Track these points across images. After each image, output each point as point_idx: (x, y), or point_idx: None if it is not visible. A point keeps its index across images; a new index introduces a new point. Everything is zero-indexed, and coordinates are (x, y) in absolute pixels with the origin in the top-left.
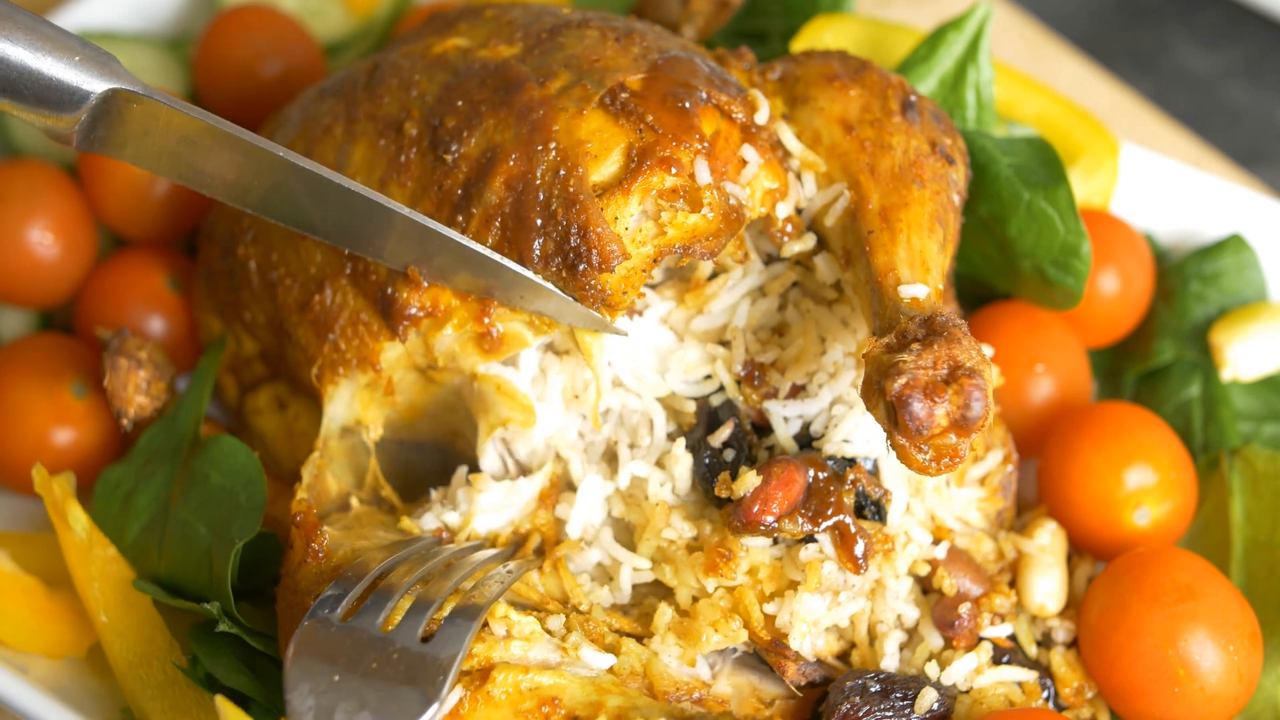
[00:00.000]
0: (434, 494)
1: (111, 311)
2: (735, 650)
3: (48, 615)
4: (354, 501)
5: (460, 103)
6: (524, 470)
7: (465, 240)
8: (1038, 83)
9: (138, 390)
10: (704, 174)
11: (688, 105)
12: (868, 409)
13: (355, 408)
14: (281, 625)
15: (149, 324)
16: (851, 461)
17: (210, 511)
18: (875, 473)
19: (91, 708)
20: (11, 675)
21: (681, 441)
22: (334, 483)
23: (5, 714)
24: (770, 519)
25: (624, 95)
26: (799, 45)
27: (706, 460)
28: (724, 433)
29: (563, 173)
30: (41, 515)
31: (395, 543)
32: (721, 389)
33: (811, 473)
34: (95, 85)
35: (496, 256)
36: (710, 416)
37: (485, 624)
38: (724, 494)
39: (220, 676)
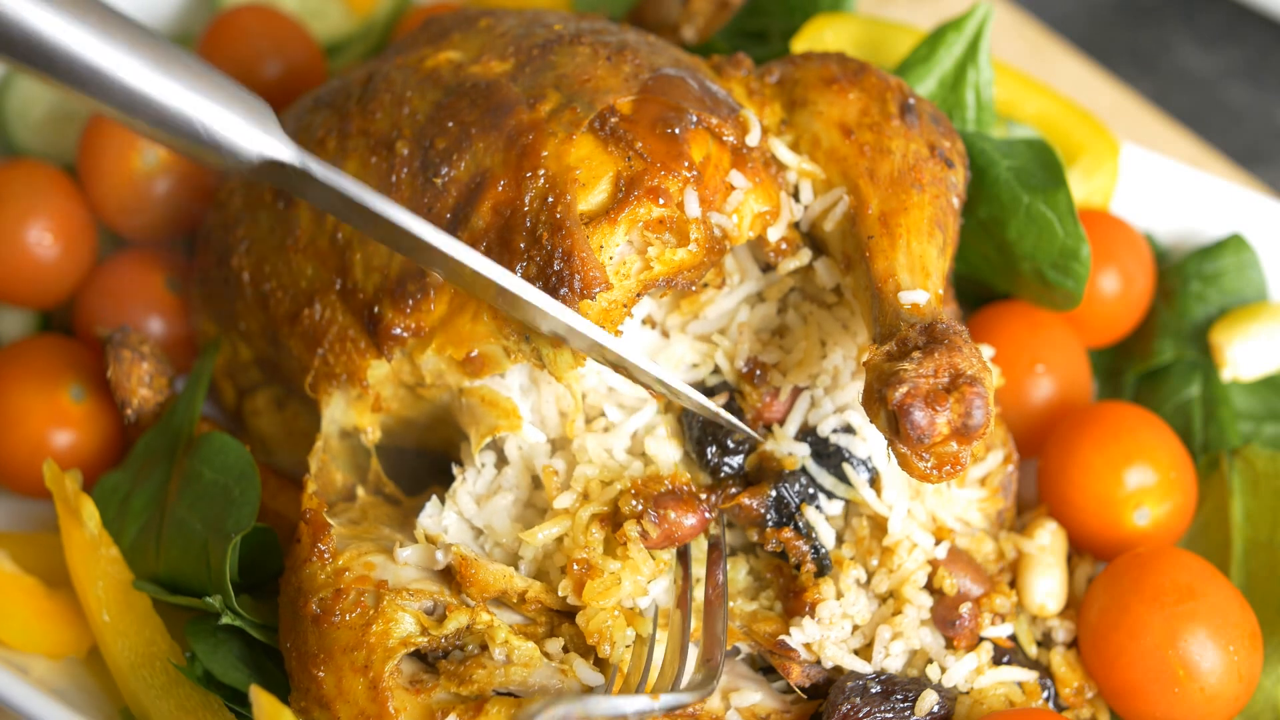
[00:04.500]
0: (434, 500)
1: (110, 312)
2: (739, 652)
3: (48, 615)
4: (359, 492)
5: (451, 124)
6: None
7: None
8: (1038, 83)
9: (141, 383)
10: (693, 206)
11: (677, 131)
12: (869, 417)
13: (351, 415)
14: (282, 621)
15: (148, 324)
16: (790, 517)
17: (205, 508)
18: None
19: (91, 708)
20: (11, 675)
21: (665, 418)
22: (339, 476)
23: (5, 714)
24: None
25: (613, 120)
26: (799, 45)
27: (696, 432)
28: (719, 400)
29: (550, 200)
30: (40, 515)
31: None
32: (716, 371)
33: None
34: (251, 151)
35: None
36: (705, 392)
37: (484, 648)
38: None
39: (218, 673)
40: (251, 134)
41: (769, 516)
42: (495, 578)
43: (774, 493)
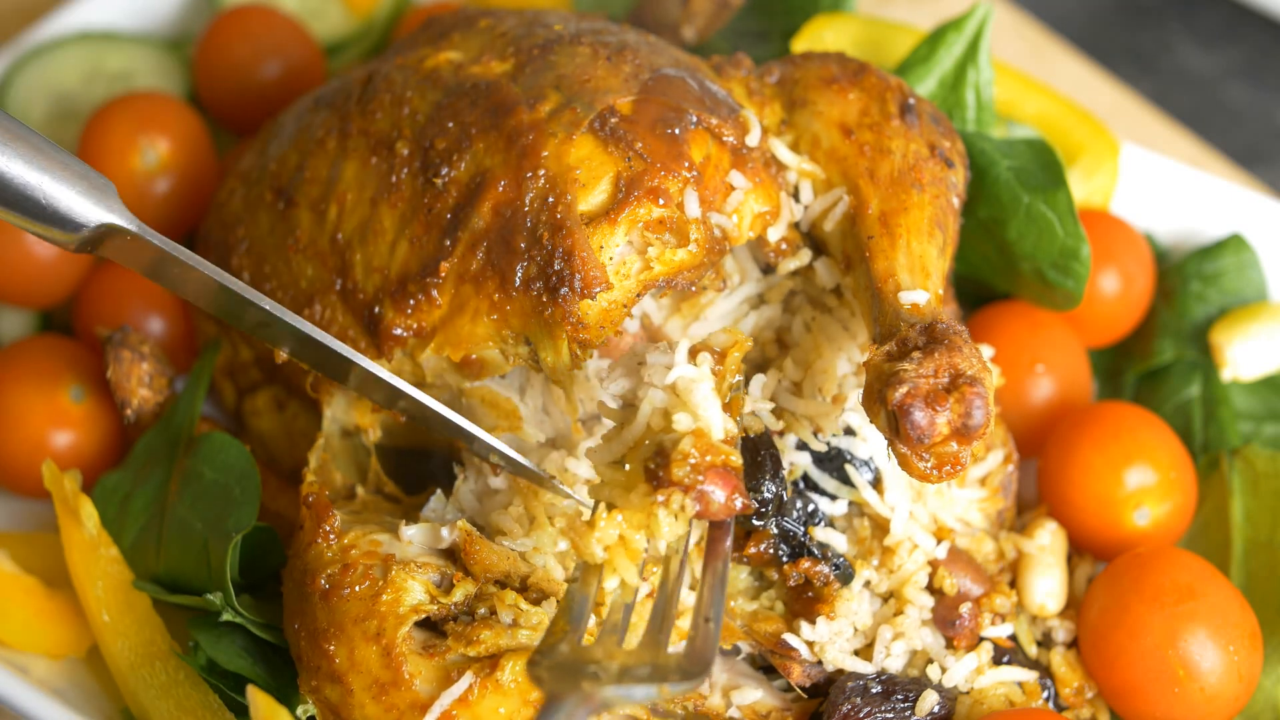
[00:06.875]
0: (438, 494)
1: (111, 311)
2: (739, 652)
3: (48, 615)
4: (359, 491)
5: (451, 124)
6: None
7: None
8: (1038, 83)
9: (140, 383)
10: (693, 206)
11: (677, 131)
12: (869, 418)
13: (353, 415)
14: (287, 605)
15: (148, 324)
16: (802, 546)
17: (205, 507)
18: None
19: (91, 708)
20: (11, 675)
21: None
22: (339, 476)
23: (5, 714)
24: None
25: (613, 120)
26: (799, 45)
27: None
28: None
29: (551, 200)
30: (41, 515)
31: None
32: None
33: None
34: (90, 218)
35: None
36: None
37: (493, 611)
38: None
39: (222, 661)
40: (88, 206)
41: (781, 553)
42: (500, 558)
43: (776, 530)
